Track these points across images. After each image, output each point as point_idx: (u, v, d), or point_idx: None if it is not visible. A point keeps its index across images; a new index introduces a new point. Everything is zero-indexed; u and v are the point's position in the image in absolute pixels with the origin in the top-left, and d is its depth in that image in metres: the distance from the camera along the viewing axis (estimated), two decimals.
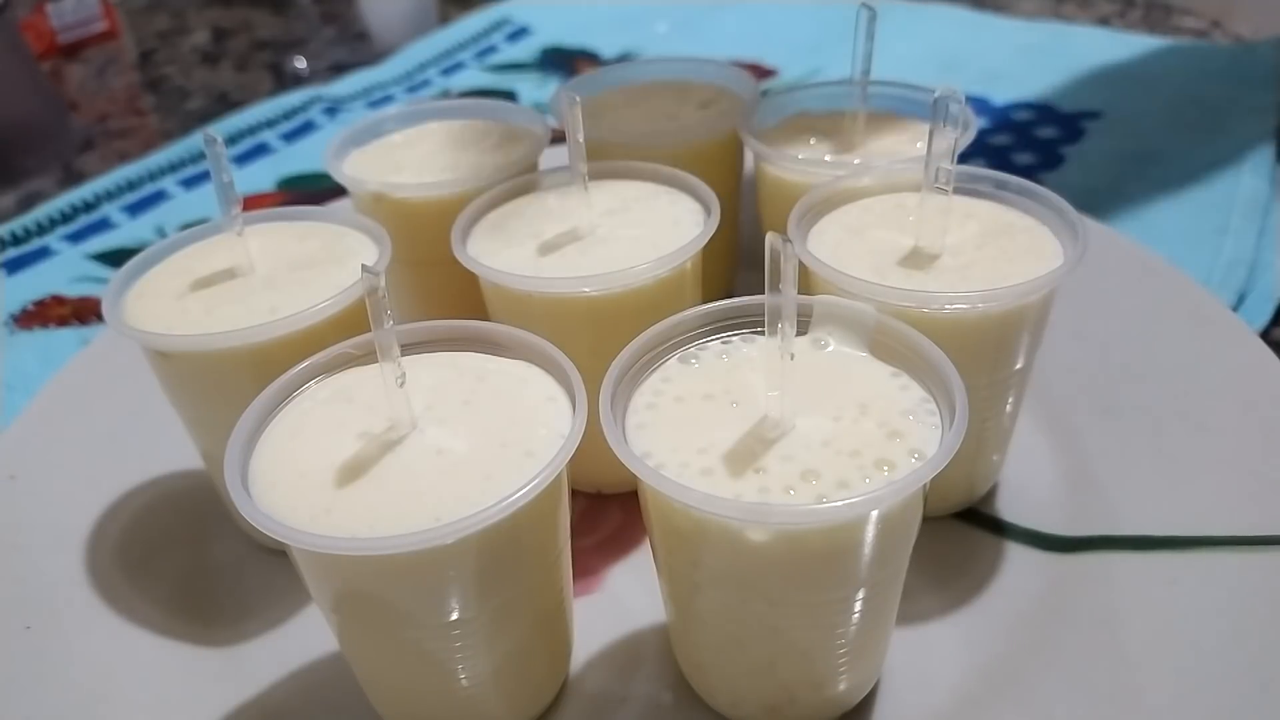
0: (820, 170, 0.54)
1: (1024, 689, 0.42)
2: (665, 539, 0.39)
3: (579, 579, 0.49)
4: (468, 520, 0.34)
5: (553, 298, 0.48)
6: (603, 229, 0.52)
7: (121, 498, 0.55)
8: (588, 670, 0.46)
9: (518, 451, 0.37)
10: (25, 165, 0.96)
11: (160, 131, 1.05)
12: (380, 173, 0.60)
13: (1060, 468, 0.53)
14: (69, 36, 1.23)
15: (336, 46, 1.15)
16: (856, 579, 0.37)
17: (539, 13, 1.21)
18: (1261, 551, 0.45)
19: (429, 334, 0.43)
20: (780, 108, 0.62)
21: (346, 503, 0.36)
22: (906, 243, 0.47)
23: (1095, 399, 0.56)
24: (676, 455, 0.37)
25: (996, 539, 0.50)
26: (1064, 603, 0.46)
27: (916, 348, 0.39)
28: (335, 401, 0.41)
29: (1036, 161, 0.82)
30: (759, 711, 0.42)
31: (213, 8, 1.38)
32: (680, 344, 0.42)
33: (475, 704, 0.41)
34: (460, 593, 0.37)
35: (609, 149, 0.60)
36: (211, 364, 0.46)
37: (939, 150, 0.44)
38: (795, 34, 1.09)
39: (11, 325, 0.73)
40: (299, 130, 0.99)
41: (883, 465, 0.36)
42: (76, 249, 0.82)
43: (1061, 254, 0.45)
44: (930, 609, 0.47)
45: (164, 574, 0.51)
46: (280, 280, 0.49)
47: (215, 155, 0.47)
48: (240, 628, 0.49)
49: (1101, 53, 0.98)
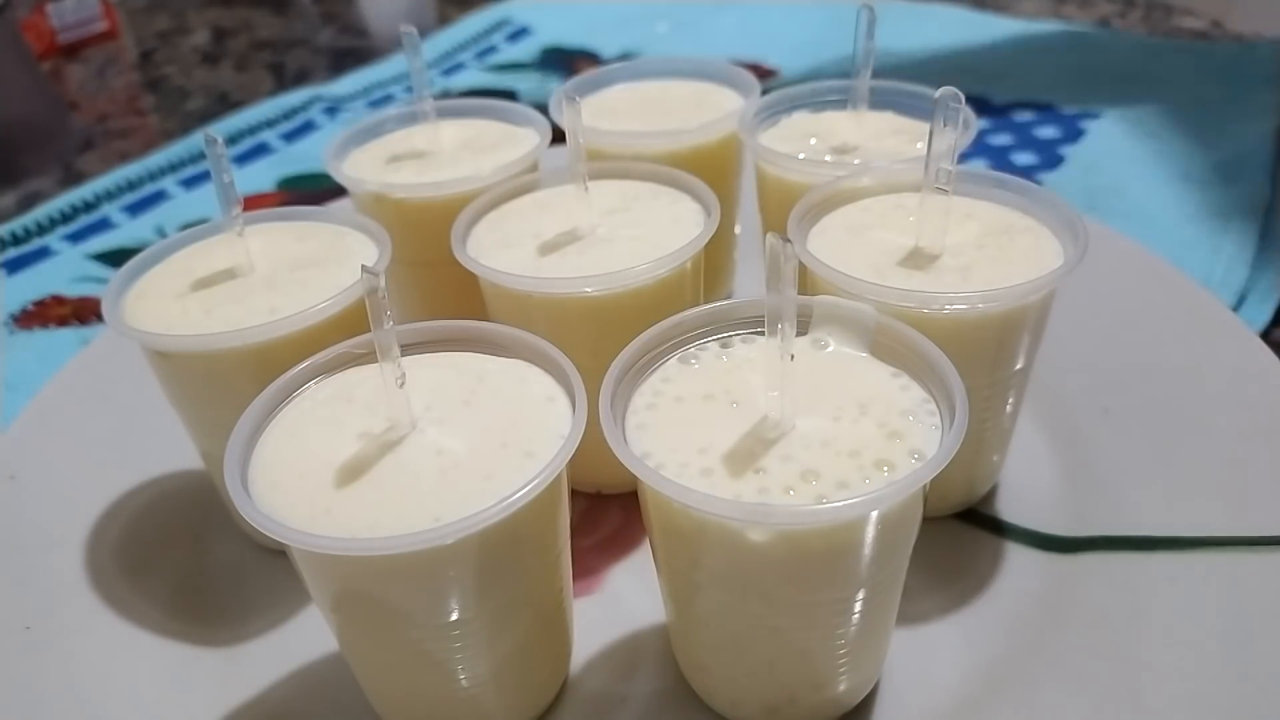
0: (820, 170, 0.54)
1: (1024, 689, 0.42)
2: (665, 539, 0.39)
3: (579, 579, 0.49)
4: (468, 520, 0.34)
5: (553, 298, 0.48)
6: (603, 229, 0.52)
7: (121, 498, 0.55)
8: (588, 670, 0.46)
9: (518, 451, 0.37)
10: (25, 165, 0.96)
11: (160, 131, 1.05)
12: (380, 173, 0.60)
13: (1060, 468, 0.53)
14: (69, 36, 1.23)
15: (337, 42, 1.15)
16: (856, 579, 0.36)
17: (539, 13, 1.21)
18: (1261, 551, 0.45)
19: (429, 334, 0.43)
20: (780, 108, 0.62)
21: (346, 503, 0.36)
22: (906, 243, 0.47)
23: (1095, 399, 0.55)
24: (676, 455, 0.37)
25: (996, 539, 0.50)
26: (1064, 603, 0.46)
27: (916, 348, 0.39)
28: (335, 401, 0.41)
29: (1036, 161, 0.82)
30: (759, 711, 0.42)
31: (213, 8, 1.38)
32: (680, 344, 0.42)
33: (475, 704, 0.41)
34: (460, 593, 0.37)
35: (609, 149, 0.61)
36: (211, 364, 0.46)
37: (939, 150, 0.44)
38: (795, 34, 1.09)
39: (11, 325, 0.73)
40: (299, 130, 0.99)
41: (883, 466, 0.35)
42: (76, 249, 0.82)
43: (1061, 254, 0.45)
44: (930, 609, 0.47)
45: (164, 574, 0.51)
46: (280, 280, 0.49)
47: (215, 155, 0.47)
48: (240, 628, 0.49)
49: (1101, 53, 0.98)
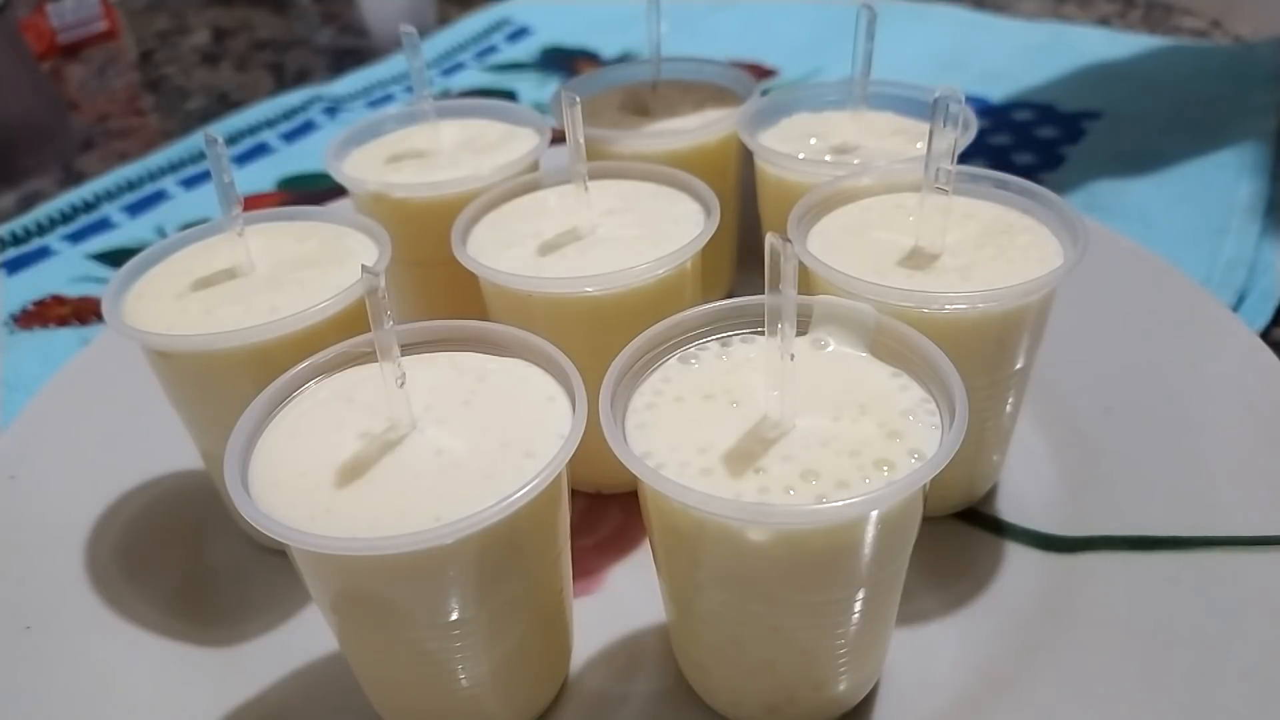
0: (820, 170, 0.54)
1: (1024, 689, 0.42)
2: (665, 539, 0.39)
3: (579, 579, 0.49)
4: (468, 520, 0.34)
5: (553, 298, 0.48)
6: (603, 229, 0.52)
7: (121, 498, 0.55)
8: (588, 670, 0.46)
9: (518, 451, 0.37)
10: (25, 165, 0.96)
11: (160, 131, 1.05)
12: (380, 173, 0.60)
13: (1060, 468, 0.53)
14: (69, 36, 1.23)
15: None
16: (856, 579, 0.36)
17: (539, 13, 1.21)
18: (1261, 551, 0.45)
19: (429, 334, 0.43)
20: (780, 108, 0.62)
21: (346, 503, 0.36)
22: (906, 243, 0.47)
23: (1095, 399, 0.55)
24: (676, 455, 0.37)
25: (996, 539, 0.50)
26: (1064, 603, 0.46)
27: (916, 348, 0.39)
28: (335, 401, 0.41)
29: (1036, 161, 0.82)
30: (759, 711, 0.42)
31: (213, 8, 1.38)
32: (680, 344, 0.42)
33: (475, 704, 0.41)
34: (460, 593, 0.37)
35: (609, 149, 0.61)
36: (211, 364, 0.46)
37: (939, 150, 0.44)
38: (795, 34, 1.09)
39: (11, 325, 0.73)
40: (299, 130, 0.99)
41: (882, 465, 0.35)
42: (76, 249, 0.82)
43: (1061, 254, 0.45)
44: (930, 609, 0.47)
45: (164, 574, 0.51)
46: (280, 280, 0.49)
47: (215, 155, 0.47)
48: (240, 628, 0.49)
49: (1101, 53, 0.98)
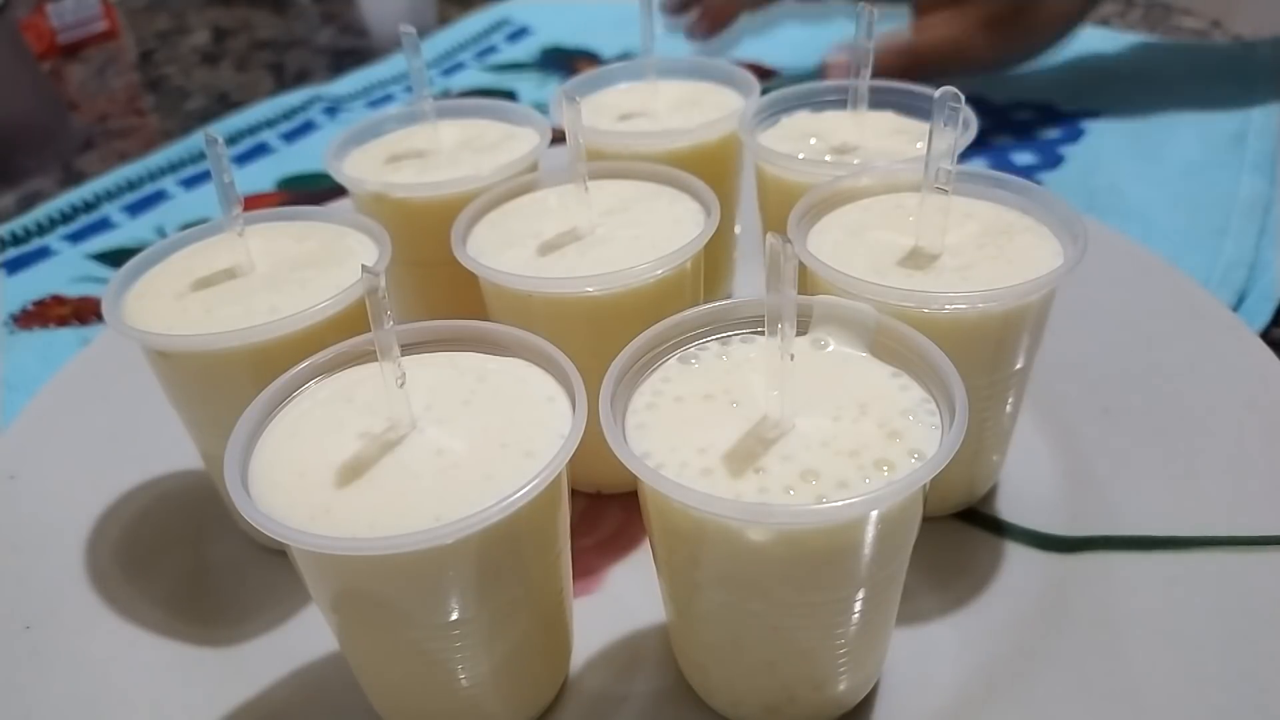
0: (820, 170, 0.54)
1: (1024, 689, 0.42)
2: (665, 539, 0.39)
3: (579, 579, 0.49)
4: (468, 520, 0.34)
5: (553, 298, 0.48)
6: (603, 229, 0.52)
7: (121, 498, 0.55)
8: (588, 670, 0.46)
9: (518, 451, 0.37)
10: (25, 165, 0.96)
11: (160, 131, 1.05)
12: (380, 173, 0.60)
13: (1060, 468, 0.53)
14: (69, 36, 1.23)
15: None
16: (856, 579, 0.36)
17: (539, 13, 1.21)
18: (1261, 551, 0.45)
19: (429, 334, 0.43)
20: (780, 108, 0.62)
21: (346, 503, 0.36)
22: (906, 243, 0.47)
23: (1095, 399, 0.55)
24: (676, 455, 0.37)
25: (996, 539, 0.50)
26: (1064, 603, 0.46)
27: (916, 348, 0.39)
28: (335, 401, 0.41)
29: (1036, 161, 0.82)
30: (759, 711, 0.42)
31: (213, 8, 1.38)
32: (680, 344, 0.42)
33: (475, 704, 0.41)
34: (460, 593, 0.37)
35: (609, 149, 0.61)
36: (211, 364, 0.46)
37: (939, 150, 0.44)
38: (795, 34, 1.09)
39: (11, 325, 0.73)
40: (299, 130, 0.99)
41: (882, 465, 0.35)
42: (76, 249, 0.82)
43: (1061, 254, 0.45)
44: (930, 609, 0.47)
45: (164, 574, 0.51)
46: (280, 280, 0.49)
47: (215, 155, 0.47)
48: (240, 628, 0.49)
49: (1101, 53, 0.98)
